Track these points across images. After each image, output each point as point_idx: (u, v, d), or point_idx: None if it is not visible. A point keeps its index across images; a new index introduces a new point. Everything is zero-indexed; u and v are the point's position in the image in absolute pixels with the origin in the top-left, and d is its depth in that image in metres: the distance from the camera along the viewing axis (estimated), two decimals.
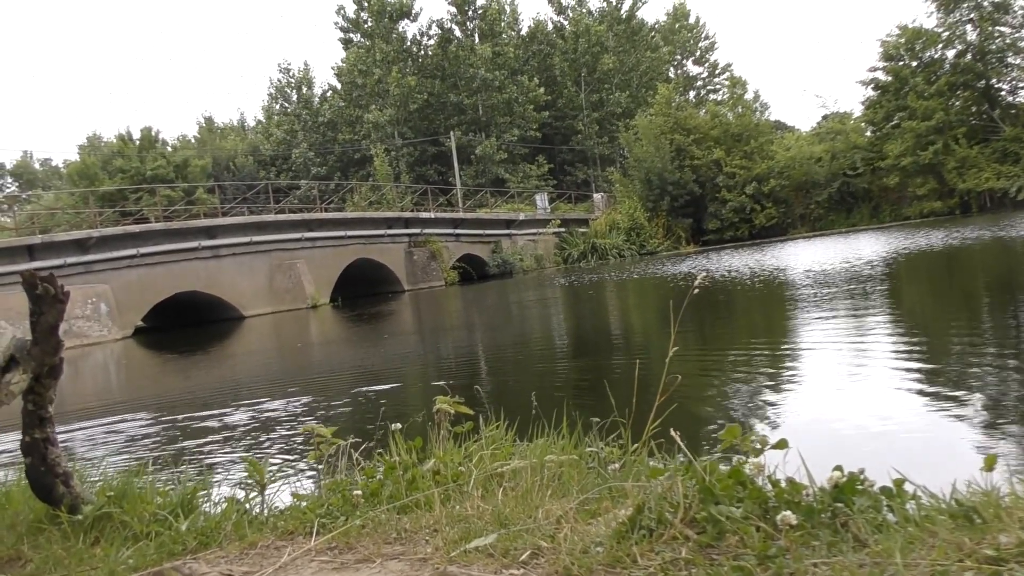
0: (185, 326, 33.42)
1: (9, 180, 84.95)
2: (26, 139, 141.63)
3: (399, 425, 2.70)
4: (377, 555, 1.87)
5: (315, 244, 38.14)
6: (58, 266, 29.59)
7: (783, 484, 1.96)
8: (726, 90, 63.77)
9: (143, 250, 32.13)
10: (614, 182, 57.07)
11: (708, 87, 76.41)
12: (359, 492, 2.31)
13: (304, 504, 2.49)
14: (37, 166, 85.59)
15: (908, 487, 2.11)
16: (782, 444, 2.17)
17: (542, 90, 62.25)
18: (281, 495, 2.78)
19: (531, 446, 2.45)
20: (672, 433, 2.16)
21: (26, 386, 3.11)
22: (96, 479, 3.71)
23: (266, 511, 2.56)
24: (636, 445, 2.48)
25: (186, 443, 7.77)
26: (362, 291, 39.99)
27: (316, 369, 13.96)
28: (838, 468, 1.97)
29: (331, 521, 2.19)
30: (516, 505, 1.91)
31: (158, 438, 8.65)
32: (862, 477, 2.04)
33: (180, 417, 9.69)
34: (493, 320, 19.91)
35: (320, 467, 2.74)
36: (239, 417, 9.05)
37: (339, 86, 67.61)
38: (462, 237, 45.40)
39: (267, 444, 6.92)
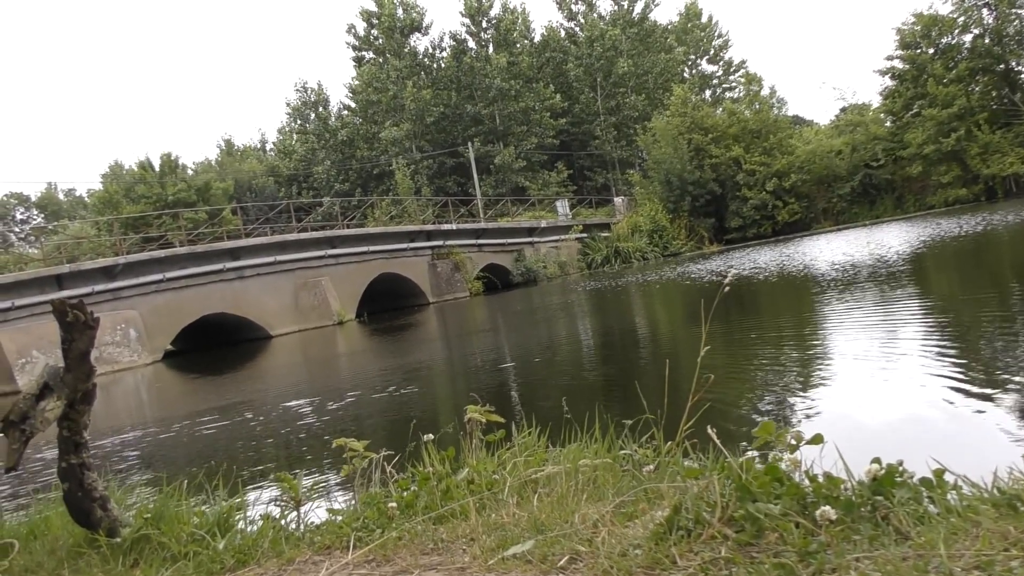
0: (214, 348, 33.65)
1: (35, 212, 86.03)
2: (50, 171, 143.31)
3: (431, 436, 2.70)
4: (415, 566, 1.86)
5: (339, 261, 38.29)
6: (86, 294, 29.90)
7: (820, 479, 1.92)
8: (742, 87, 63.49)
9: (169, 274, 32.40)
10: (634, 185, 56.97)
11: (724, 85, 76.11)
12: (394, 504, 2.31)
13: (340, 519, 2.49)
14: (62, 196, 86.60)
15: (948, 477, 2.08)
16: (817, 439, 2.14)
17: (558, 97, 62.30)
18: (316, 511, 2.79)
19: (564, 451, 2.43)
20: (709, 431, 2.14)
21: (60, 413, 3.13)
22: (133, 501, 3.73)
23: (302, 527, 2.56)
24: (669, 445, 2.46)
25: (220, 458, 7.82)
26: (387, 305, 40.11)
27: (345, 381, 14.02)
28: (876, 461, 1.93)
29: (367, 534, 2.18)
30: (552, 511, 1.90)
31: (192, 455, 8.71)
32: (901, 469, 2.00)
33: (212, 432, 9.76)
34: (520, 327, 19.92)
35: (354, 481, 2.73)
36: (270, 430, 9.10)
37: (354, 104, 67.98)
38: (485, 247, 45.44)
39: (300, 457, 6.95)
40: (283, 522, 2.66)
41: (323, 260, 37.81)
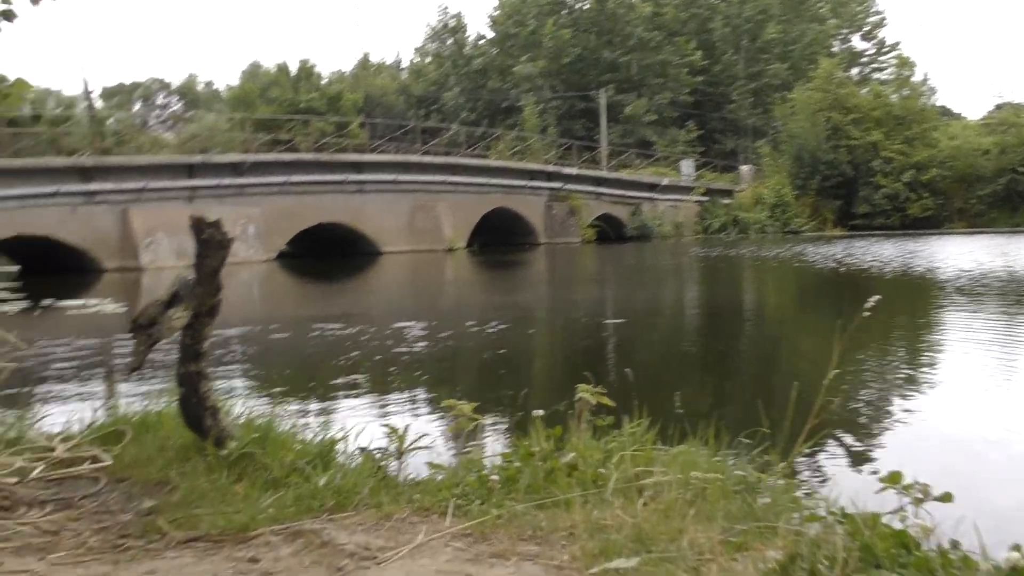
0: (325, 255, 34.46)
1: (175, 99, 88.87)
2: (192, 61, 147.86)
3: (541, 412, 2.68)
4: (512, 552, 1.85)
5: (457, 188, 38.56)
6: (213, 186, 30.96)
7: (952, 555, 1.79)
8: (893, 70, 60.65)
9: (293, 178, 33.21)
10: (764, 155, 55.43)
11: (873, 65, 72.72)
12: (496, 478, 2.31)
13: (440, 478, 2.51)
14: (201, 88, 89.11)
15: None
16: (947, 497, 2.02)
17: (699, 54, 60.72)
18: (415, 459, 2.82)
19: (672, 453, 2.38)
20: (822, 461, 2.06)
21: (186, 322, 3.23)
22: (240, 412, 3.83)
23: (402, 478, 2.60)
24: (782, 465, 2.38)
25: (326, 373, 8.02)
26: (498, 240, 40.31)
27: (453, 311, 14.13)
28: (1016, 548, 1.78)
29: (466, 503, 2.20)
30: (658, 523, 1.86)
31: (300, 363, 8.94)
32: None
33: (320, 341, 9.98)
34: (628, 284, 19.71)
35: (458, 440, 2.75)
36: (380, 349, 9.21)
37: (492, 35, 67.68)
38: (603, 196, 45.08)
39: (407, 385, 7.05)
40: (383, 465, 2.70)
41: (442, 186, 38.12)
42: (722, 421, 2.80)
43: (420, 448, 2.79)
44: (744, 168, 55.72)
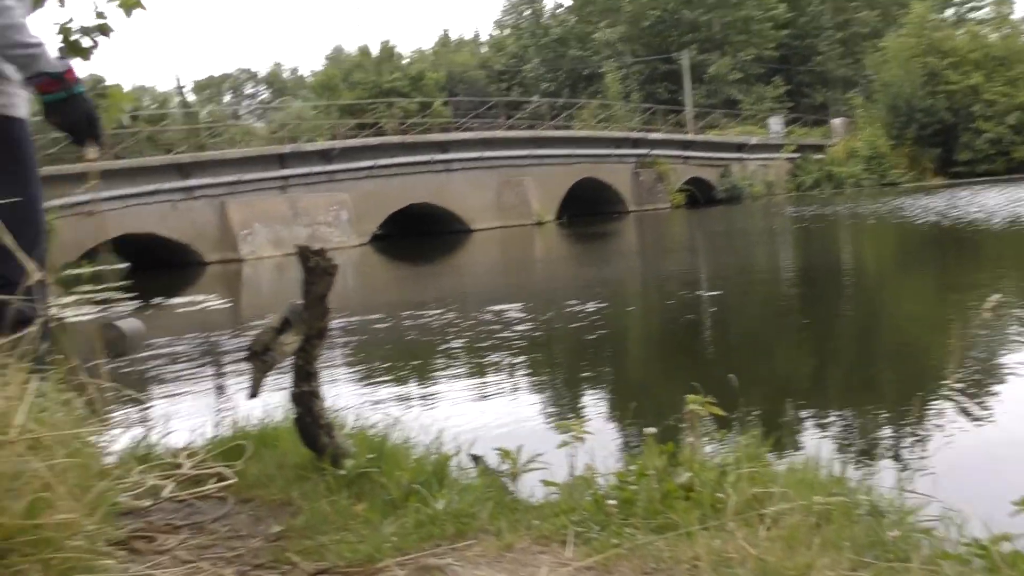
0: (416, 236, 34.87)
1: (262, 88, 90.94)
2: (278, 50, 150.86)
3: (653, 429, 2.68)
4: None
5: (543, 161, 38.49)
6: (304, 174, 31.61)
7: None
8: (990, 9, 57.93)
9: (380, 161, 33.65)
10: (856, 107, 53.71)
11: (969, 4, 69.52)
12: (613, 502, 2.33)
13: (555, 498, 2.54)
14: (286, 75, 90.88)
15: None
16: None
17: (783, 7, 59.04)
18: (528, 476, 2.85)
19: (791, 468, 2.35)
20: (948, 472, 2.01)
21: (297, 346, 3.33)
22: (352, 419, 3.91)
23: (517, 498, 2.64)
24: (901, 484, 2.32)
25: (430, 366, 8.14)
26: (586, 210, 40.15)
27: (546, 290, 14.08)
28: None
29: (585, 530, 2.21)
30: (782, 554, 1.85)
31: (403, 353, 9.04)
32: None
33: (420, 328, 10.07)
34: (721, 251, 19.42)
35: (570, 456, 2.77)
36: (481, 335, 9.25)
37: (570, 2, 67.12)
38: (690, 159, 44.42)
39: (504, 379, 7.10)
40: (499, 485, 2.74)
41: (527, 159, 38.11)
42: (838, 419, 2.75)
43: (535, 468, 2.82)
44: (836, 121, 54.15)
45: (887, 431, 3.97)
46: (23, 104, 2.90)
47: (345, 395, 5.67)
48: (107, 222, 26.82)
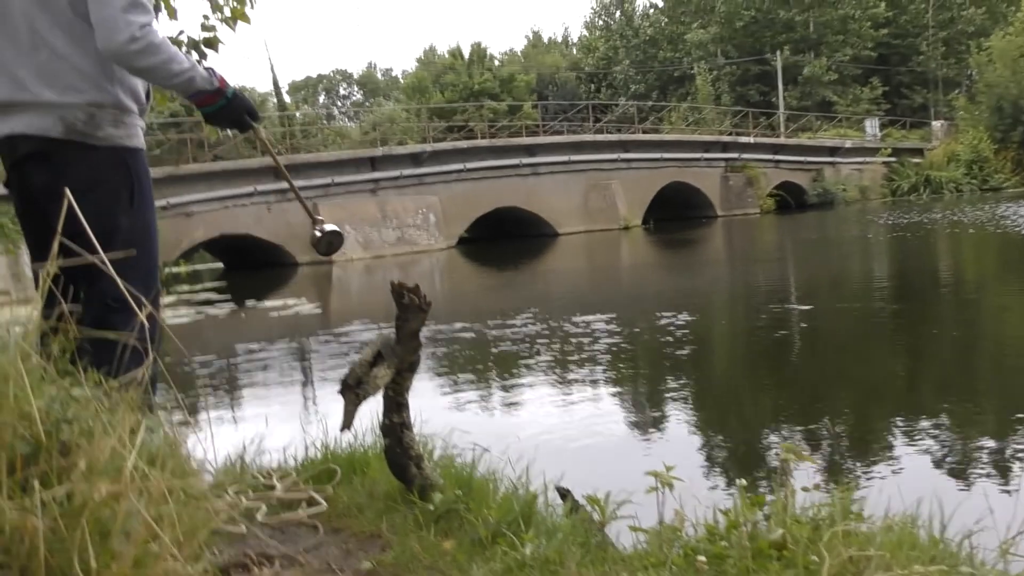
0: (503, 239, 35.03)
1: (356, 88, 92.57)
2: (372, 51, 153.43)
3: (743, 482, 2.64)
4: None
5: (630, 165, 38.25)
6: (395, 177, 32.06)
7: None
8: None
9: (469, 165, 33.90)
10: (958, 109, 51.91)
11: None
12: (703, 559, 2.30)
13: (643, 547, 2.52)
14: (379, 76, 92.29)
15: None
16: None
17: (883, 6, 57.38)
18: (616, 522, 2.83)
19: (888, 531, 2.27)
20: None
21: (389, 379, 3.39)
22: (439, 453, 3.94)
23: (604, 543, 2.62)
24: (1004, 545, 2.23)
25: (519, 382, 8.16)
26: (673, 214, 39.76)
27: (634, 301, 13.89)
28: None
29: None
30: None
31: (492, 366, 9.08)
32: None
33: (509, 339, 10.08)
34: (814, 261, 18.92)
35: (658, 503, 2.75)
36: (562, 348, 9.25)
37: (661, 3, 66.51)
38: (782, 163, 43.54)
39: (592, 400, 7.07)
40: (586, 529, 2.73)
41: (615, 163, 37.92)
42: (941, 460, 2.64)
43: (623, 517, 2.80)
44: (935, 124, 52.45)
45: (994, 476, 3.81)
46: (141, 134, 3.04)
47: (429, 410, 5.71)
48: (205, 222, 27.71)
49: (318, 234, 3.60)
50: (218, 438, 4.23)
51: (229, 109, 2.95)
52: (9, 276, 18.95)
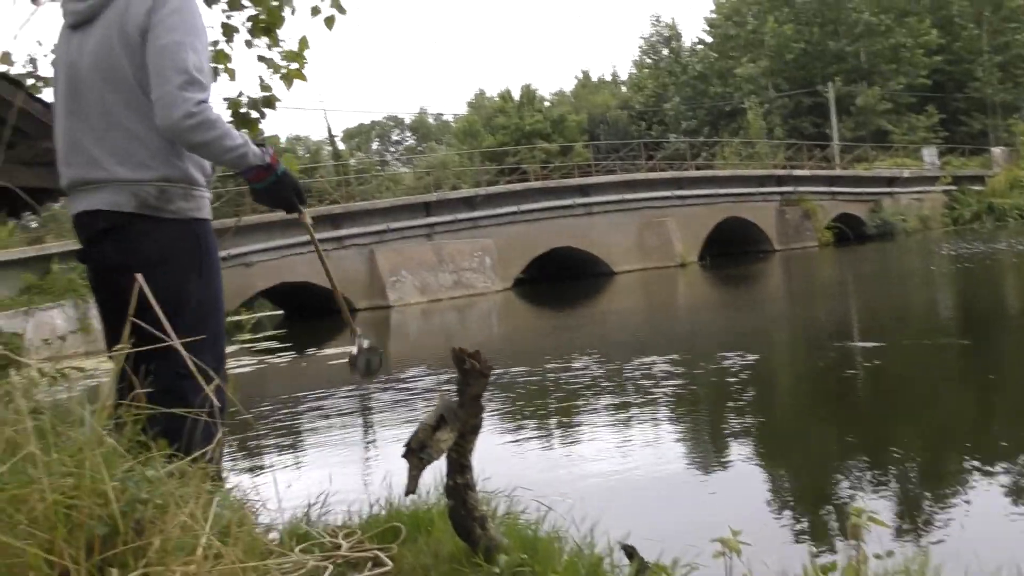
0: (559, 279, 35.02)
1: (408, 134, 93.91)
2: (423, 97, 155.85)
3: (812, 548, 2.58)
4: None
5: (684, 202, 38.10)
6: (449, 221, 32.34)
7: None
8: None
9: (523, 207, 34.07)
10: (1018, 134, 50.86)
11: None
12: None
13: None
14: (431, 120, 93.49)
15: None
16: None
17: (935, 33, 56.66)
18: None
19: None
20: None
21: (452, 443, 3.40)
22: (502, 512, 3.92)
23: None
24: None
25: (570, 428, 8.12)
26: (730, 249, 39.44)
27: (696, 343, 13.63)
28: None
29: None
30: None
31: (542, 407, 9.06)
32: None
33: (568, 384, 10.02)
34: (877, 296, 18.46)
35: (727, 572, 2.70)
36: (620, 392, 9.17)
37: (710, 39, 66.52)
38: (838, 195, 42.95)
39: (652, 451, 6.99)
40: None
41: (669, 200, 37.82)
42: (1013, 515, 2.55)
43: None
44: (996, 150, 51.40)
45: None
46: (208, 205, 3.13)
47: (493, 460, 5.68)
48: (265, 272, 28.19)
49: (354, 351, 3.53)
50: (282, 492, 4.28)
51: (278, 186, 3.01)
52: (78, 326, 19.56)
